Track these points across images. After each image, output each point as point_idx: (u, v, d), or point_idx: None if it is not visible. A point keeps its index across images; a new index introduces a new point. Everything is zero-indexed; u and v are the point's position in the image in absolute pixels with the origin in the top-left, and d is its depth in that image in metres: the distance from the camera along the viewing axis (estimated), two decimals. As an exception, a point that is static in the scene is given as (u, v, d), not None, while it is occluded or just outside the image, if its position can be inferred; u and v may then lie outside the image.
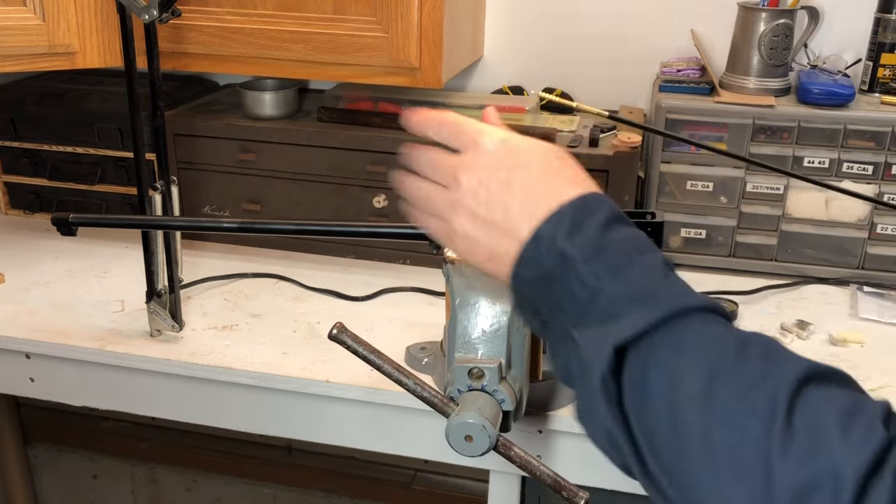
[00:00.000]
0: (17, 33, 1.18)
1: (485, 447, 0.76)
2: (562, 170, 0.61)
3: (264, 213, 1.41)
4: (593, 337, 0.53)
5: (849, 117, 1.26)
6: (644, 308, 0.52)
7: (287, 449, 1.70)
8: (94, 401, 1.19)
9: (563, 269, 0.55)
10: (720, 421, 0.46)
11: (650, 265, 0.55)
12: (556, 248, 0.56)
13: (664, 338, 0.51)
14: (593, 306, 0.54)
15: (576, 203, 0.57)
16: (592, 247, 0.55)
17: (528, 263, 0.58)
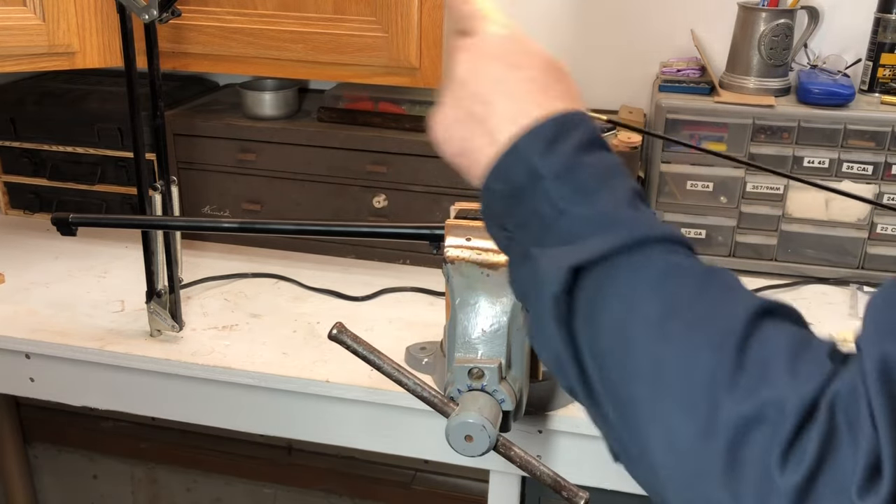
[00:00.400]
0: (17, 33, 1.18)
1: (485, 447, 0.76)
2: (557, 82, 0.58)
3: (264, 213, 1.41)
4: (551, 255, 0.52)
5: (849, 117, 1.26)
6: (607, 232, 0.51)
7: (287, 449, 1.70)
8: (94, 401, 1.19)
9: (531, 185, 0.54)
10: (672, 350, 0.46)
11: (619, 191, 0.54)
12: (528, 163, 0.54)
13: (623, 263, 0.50)
14: (556, 227, 0.53)
15: (557, 119, 0.55)
16: (564, 166, 0.53)
17: (499, 174, 0.55)
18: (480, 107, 0.57)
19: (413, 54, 1.21)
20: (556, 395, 1.00)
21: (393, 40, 1.21)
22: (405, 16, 1.19)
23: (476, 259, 0.85)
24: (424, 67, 1.22)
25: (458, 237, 0.87)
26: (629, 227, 0.51)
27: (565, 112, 0.55)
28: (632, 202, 0.53)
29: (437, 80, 1.23)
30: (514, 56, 0.58)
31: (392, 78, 1.25)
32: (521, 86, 0.57)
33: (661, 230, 0.52)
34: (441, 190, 1.33)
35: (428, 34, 1.20)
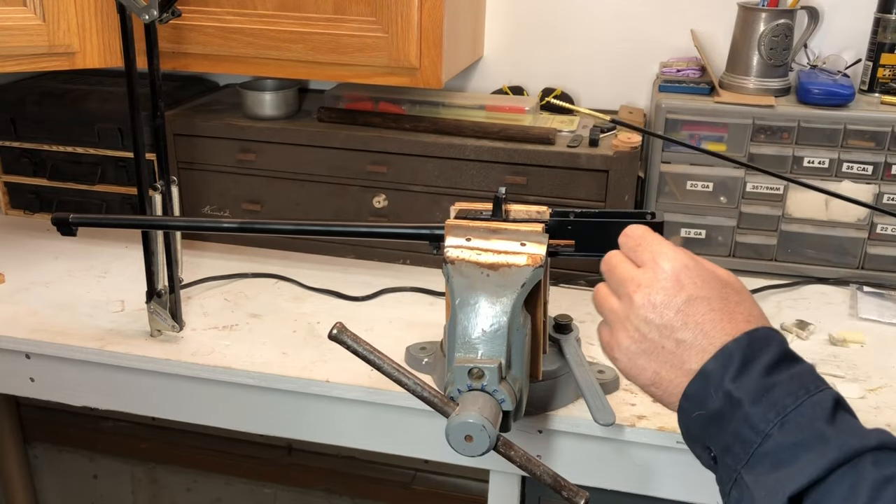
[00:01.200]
0: (17, 33, 1.18)
1: (485, 447, 0.76)
2: (738, 305, 0.60)
3: (264, 213, 1.41)
4: (766, 484, 0.53)
5: (849, 117, 1.26)
6: (815, 453, 0.52)
7: (287, 449, 1.70)
8: (94, 401, 1.19)
9: (730, 410, 0.55)
10: None
11: (819, 405, 0.54)
12: (722, 388, 0.56)
13: (837, 482, 0.51)
14: (763, 451, 0.54)
15: (742, 341, 0.57)
16: (759, 389, 0.55)
17: (694, 401, 0.58)
18: (667, 341, 0.60)
19: (413, 54, 1.21)
20: (556, 395, 1.00)
21: (393, 40, 1.21)
22: (405, 16, 1.19)
23: (476, 259, 0.85)
24: (424, 67, 1.22)
25: (458, 237, 0.87)
26: (837, 444, 0.52)
27: (750, 331, 0.57)
28: (833, 413, 0.54)
29: (436, 81, 1.23)
30: (694, 287, 0.61)
31: (392, 78, 1.25)
32: (707, 317, 0.59)
33: (868, 440, 0.52)
34: (441, 190, 1.33)
35: (428, 34, 1.20)
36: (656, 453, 0.99)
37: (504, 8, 1.52)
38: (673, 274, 0.62)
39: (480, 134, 1.32)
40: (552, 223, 0.91)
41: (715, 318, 0.59)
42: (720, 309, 0.60)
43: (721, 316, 0.59)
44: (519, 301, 0.83)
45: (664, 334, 0.60)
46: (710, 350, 0.58)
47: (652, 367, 0.61)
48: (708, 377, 0.57)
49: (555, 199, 1.29)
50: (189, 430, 1.71)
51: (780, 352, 0.57)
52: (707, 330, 0.59)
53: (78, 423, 1.77)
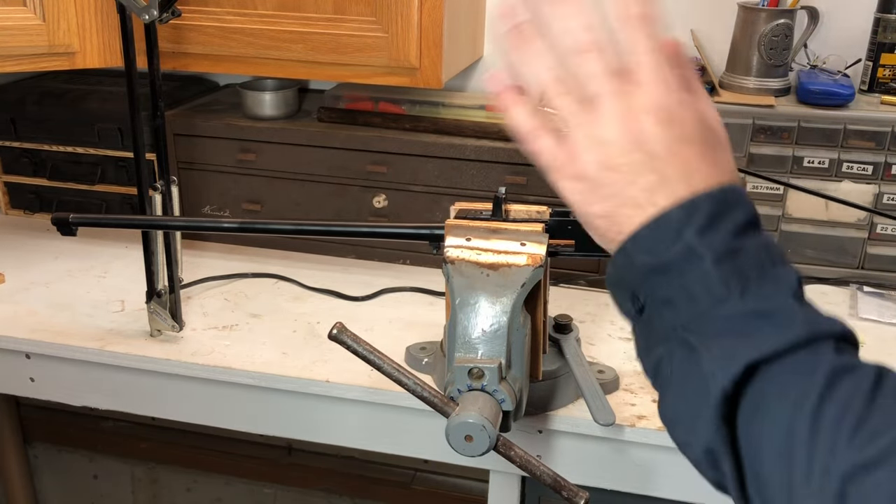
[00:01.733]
0: (17, 33, 1.18)
1: (485, 447, 0.76)
2: (720, 151, 0.53)
3: (264, 213, 1.41)
4: (718, 348, 0.49)
5: (849, 117, 1.26)
6: (780, 326, 0.48)
7: (287, 449, 1.70)
8: (94, 401, 1.19)
9: (685, 264, 0.50)
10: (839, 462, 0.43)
11: (784, 280, 0.50)
12: (682, 239, 0.50)
13: (796, 362, 0.47)
14: (714, 314, 0.49)
15: (716, 195, 0.51)
16: (725, 249, 0.50)
17: (643, 244, 0.51)
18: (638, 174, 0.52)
19: (413, 54, 1.21)
20: (556, 395, 1.00)
21: (393, 40, 1.21)
22: (405, 16, 1.19)
23: (476, 259, 0.85)
24: (424, 67, 1.22)
25: (458, 237, 0.87)
26: (802, 322, 0.48)
27: (725, 187, 0.51)
28: (798, 293, 0.51)
29: (436, 81, 1.23)
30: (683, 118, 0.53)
31: (392, 78, 1.25)
32: (687, 155, 0.52)
33: (834, 326, 0.49)
34: (441, 190, 1.33)
35: (428, 34, 1.20)
36: (656, 453, 0.99)
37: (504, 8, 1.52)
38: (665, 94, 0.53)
39: (480, 134, 1.32)
40: (552, 223, 0.91)
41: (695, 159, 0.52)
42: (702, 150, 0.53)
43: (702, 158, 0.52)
44: (519, 301, 0.83)
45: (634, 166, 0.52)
46: (678, 194, 0.51)
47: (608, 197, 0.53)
48: (668, 223, 0.50)
49: (555, 199, 1.27)
50: (189, 430, 1.71)
51: (751, 215, 0.51)
52: (685, 170, 0.51)
53: (78, 423, 1.77)
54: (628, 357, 1.13)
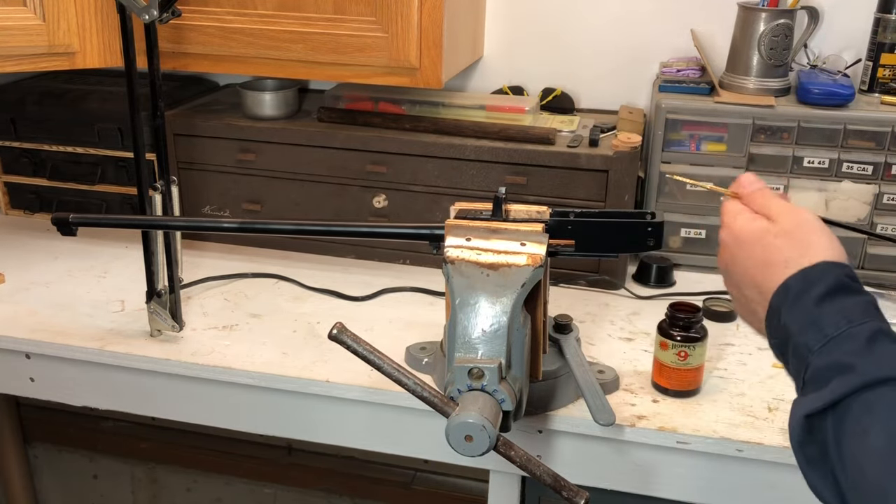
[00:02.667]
0: (17, 33, 1.18)
1: (485, 447, 0.76)
2: (781, 250, 0.66)
3: (264, 213, 1.41)
4: (796, 404, 0.60)
5: (849, 117, 1.26)
6: (839, 379, 0.57)
7: (287, 449, 1.70)
8: (94, 401, 1.19)
9: (786, 340, 0.63)
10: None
11: (857, 334, 0.59)
12: (781, 321, 0.63)
13: (855, 404, 0.55)
14: (806, 376, 0.60)
15: (797, 276, 0.63)
16: (806, 320, 0.61)
17: (770, 332, 0.66)
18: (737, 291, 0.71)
19: (413, 54, 1.21)
20: (556, 395, 1.00)
21: (393, 40, 1.21)
22: (405, 16, 1.19)
23: (476, 259, 0.85)
24: (424, 67, 1.22)
25: (458, 237, 0.87)
26: (864, 369, 0.56)
27: (805, 268, 0.64)
28: (867, 344, 0.58)
29: (436, 81, 1.23)
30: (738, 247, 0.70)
31: (392, 78, 1.25)
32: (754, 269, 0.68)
33: (892, 370, 0.56)
34: (441, 190, 1.33)
35: (428, 34, 1.20)
36: (656, 453, 0.99)
37: (504, 8, 1.52)
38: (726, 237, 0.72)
39: (480, 134, 1.32)
40: (552, 223, 0.91)
41: (758, 272, 0.67)
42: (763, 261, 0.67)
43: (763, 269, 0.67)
44: (519, 301, 0.83)
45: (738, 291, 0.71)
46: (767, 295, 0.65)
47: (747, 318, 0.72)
48: (774, 311, 0.64)
49: (555, 199, 1.29)
50: (189, 430, 1.70)
51: (836, 283, 0.62)
52: (758, 283, 0.67)
53: (78, 423, 1.77)
54: (628, 357, 1.13)
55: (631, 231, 0.92)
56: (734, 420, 0.99)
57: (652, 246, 0.92)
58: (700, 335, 1.00)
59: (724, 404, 1.02)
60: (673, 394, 1.03)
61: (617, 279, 1.32)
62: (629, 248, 0.94)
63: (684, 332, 1.00)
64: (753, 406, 1.02)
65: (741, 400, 1.03)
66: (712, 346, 1.12)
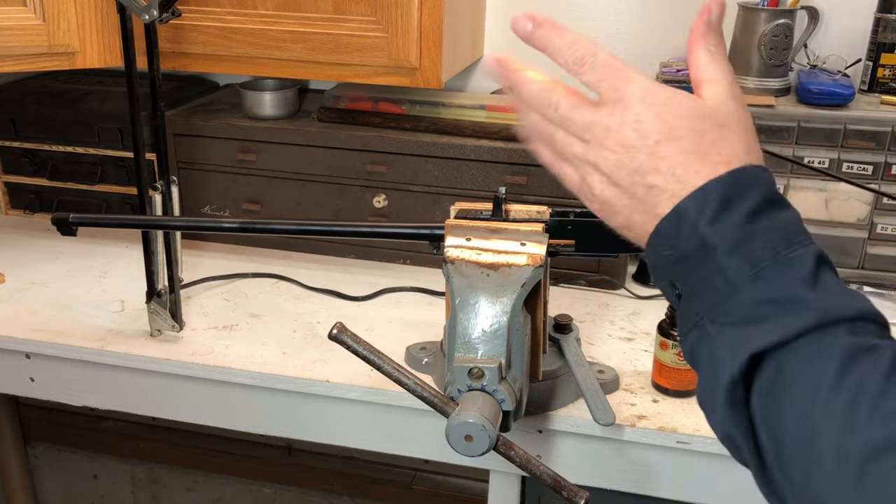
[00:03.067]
0: (17, 33, 1.18)
1: (485, 447, 0.76)
2: (716, 144, 0.55)
3: (264, 213, 1.41)
4: (729, 337, 0.50)
5: (849, 117, 1.26)
6: (789, 315, 0.48)
7: (287, 449, 1.70)
8: (94, 401, 1.19)
9: (701, 255, 0.51)
10: (856, 444, 0.44)
11: (800, 262, 0.50)
12: (696, 231, 0.52)
13: (805, 348, 0.48)
14: (731, 303, 0.50)
15: (725, 181, 0.52)
16: (736, 237, 0.50)
17: (664, 239, 0.54)
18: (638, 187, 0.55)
19: (413, 54, 1.21)
20: (556, 395, 1.00)
21: (393, 40, 1.21)
22: (405, 16, 1.19)
23: (476, 259, 0.85)
24: (424, 67, 1.22)
25: (458, 237, 0.87)
26: (814, 308, 0.48)
27: (735, 170, 0.53)
28: (813, 275, 0.50)
29: (437, 81, 1.23)
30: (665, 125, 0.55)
31: (392, 78, 1.25)
32: (679, 158, 0.54)
33: (848, 309, 0.49)
34: (441, 190, 1.33)
35: (428, 34, 1.20)
36: (656, 453, 0.99)
37: (504, 8, 1.52)
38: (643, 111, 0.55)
39: (480, 134, 1.32)
40: (552, 223, 0.91)
41: (688, 160, 0.54)
42: (694, 150, 0.54)
43: (695, 158, 0.54)
44: (519, 301, 0.83)
45: (635, 180, 0.55)
46: (682, 193, 0.53)
47: (624, 211, 0.57)
48: (682, 216, 0.52)
49: (555, 199, 1.29)
50: (189, 430, 1.71)
51: (765, 195, 0.52)
52: (679, 174, 0.54)
53: (78, 423, 1.77)
54: (628, 357, 1.13)
55: (631, 231, 0.92)
56: (734, 420, 0.99)
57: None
58: (700, 335, 1.00)
59: (724, 404, 1.02)
60: (673, 394, 1.03)
61: (617, 279, 1.32)
62: (629, 248, 0.94)
63: (684, 332, 1.00)
64: (753, 406, 1.02)
65: (741, 400, 1.03)
66: (712, 346, 1.12)
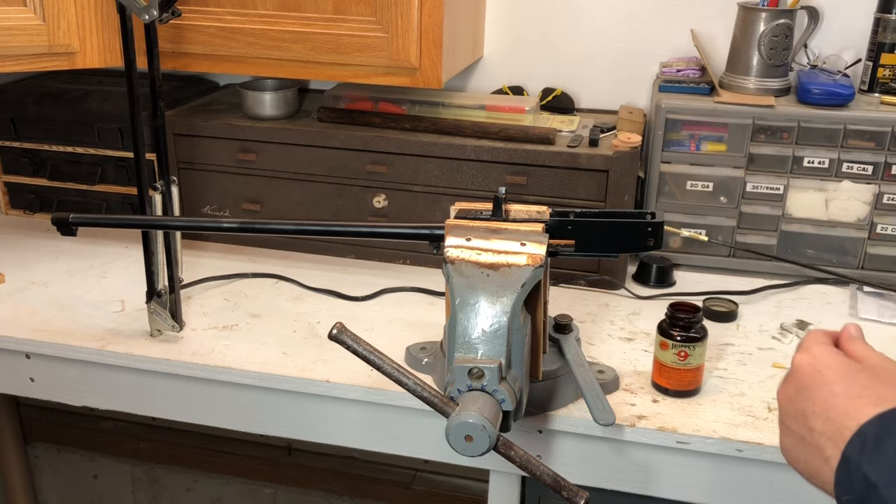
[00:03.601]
0: (17, 33, 1.18)
1: (485, 447, 0.76)
2: (866, 388, 0.61)
3: (264, 213, 1.41)
4: None
5: (849, 117, 1.26)
6: None
7: (287, 449, 1.70)
8: (94, 401, 1.19)
9: (868, 493, 0.56)
10: None
11: None
12: (860, 472, 0.56)
13: None
14: None
15: (874, 423, 0.57)
16: (893, 469, 0.55)
17: (842, 487, 0.59)
18: (804, 430, 0.62)
19: (413, 54, 1.21)
20: (556, 395, 1.00)
21: (393, 40, 1.21)
22: (405, 16, 1.19)
23: (476, 259, 0.85)
24: (424, 67, 1.22)
25: (458, 237, 0.87)
26: None
27: (882, 413, 0.58)
28: None
29: (436, 81, 1.23)
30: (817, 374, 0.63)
31: (392, 78, 1.25)
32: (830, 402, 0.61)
33: None
34: (441, 190, 1.33)
35: (428, 34, 1.20)
36: (656, 453, 0.99)
37: (504, 8, 1.52)
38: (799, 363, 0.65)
39: (480, 134, 1.32)
40: (552, 223, 0.91)
41: (837, 403, 0.60)
42: (843, 394, 0.61)
43: (844, 401, 0.60)
44: (519, 301, 0.83)
45: (800, 423, 0.63)
46: (841, 436, 0.59)
47: (802, 457, 0.63)
48: (848, 462, 0.58)
49: (555, 199, 1.29)
50: (189, 430, 1.71)
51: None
52: (832, 416, 0.60)
53: (78, 423, 1.77)
54: (628, 357, 1.13)
55: (631, 231, 0.92)
56: (734, 420, 0.99)
57: (652, 246, 0.92)
58: (700, 335, 1.00)
59: (724, 404, 1.02)
60: (673, 394, 1.03)
61: (617, 279, 1.32)
62: (629, 248, 0.94)
63: (684, 332, 1.00)
64: (753, 406, 1.02)
65: (741, 400, 1.03)
66: (712, 346, 1.12)
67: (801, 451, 0.63)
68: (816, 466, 0.61)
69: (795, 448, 0.63)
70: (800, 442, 0.63)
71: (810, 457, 0.62)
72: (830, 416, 0.60)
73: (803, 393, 0.63)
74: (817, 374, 0.63)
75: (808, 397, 0.62)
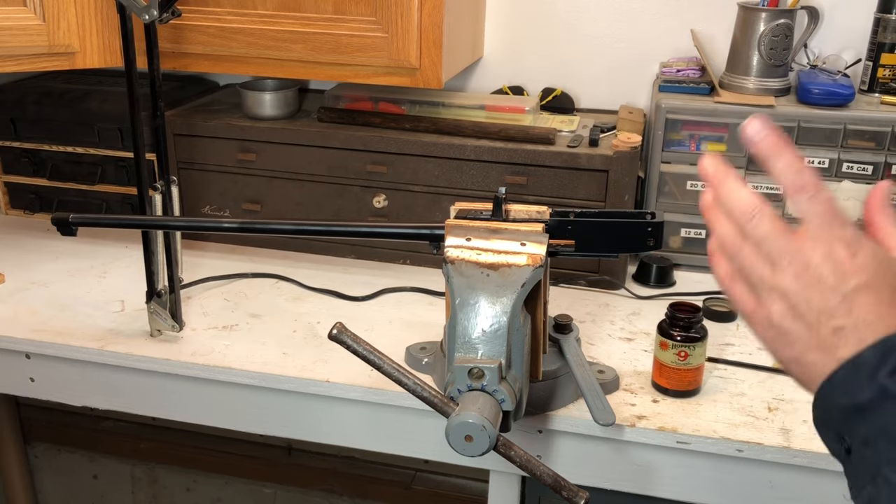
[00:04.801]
0: (17, 33, 1.18)
1: (485, 447, 0.76)
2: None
3: (264, 213, 1.41)
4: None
5: (849, 117, 1.26)
6: None
7: (287, 449, 1.70)
8: (94, 401, 1.19)
9: (881, 403, 0.52)
10: None
11: None
12: (877, 380, 0.52)
13: None
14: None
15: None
16: None
17: (839, 387, 0.54)
18: (824, 326, 0.55)
19: (413, 54, 1.21)
20: (556, 395, 1.00)
21: (393, 40, 1.21)
22: (405, 16, 1.19)
23: (476, 259, 0.85)
24: (424, 67, 1.22)
25: (458, 237, 0.87)
26: None
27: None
28: None
29: (437, 81, 1.23)
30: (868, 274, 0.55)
31: (392, 78, 1.25)
32: (875, 308, 0.55)
33: None
34: (441, 190, 1.33)
35: (428, 34, 1.20)
36: (656, 453, 0.99)
37: (504, 8, 1.52)
38: (848, 254, 0.56)
39: (480, 134, 1.32)
40: (552, 223, 0.91)
41: (883, 310, 0.54)
42: (889, 301, 0.55)
43: (890, 309, 0.54)
44: (519, 301, 0.83)
45: (821, 319, 0.55)
46: (868, 340, 0.54)
47: (799, 346, 0.57)
48: (861, 366, 0.53)
49: (555, 199, 1.29)
50: (189, 430, 1.70)
51: None
52: (871, 321, 0.54)
53: (78, 423, 1.77)
54: (628, 357, 1.13)
55: (631, 231, 0.92)
56: (734, 420, 0.99)
57: (652, 246, 0.92)
58: (700, 335, 1.00)
59: (723, 404, 1.02)
60: (673, 394, 1.03)
61: (617, 279, 1.32)
62: (629, 248, 0.94)
63: (684, 332, 1.00)
64: (753, 406, 1.02)
65: (741, 400, 1.03)
66: (712, 346, 1.12)
67: (803, 341, 0.56)
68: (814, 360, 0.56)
69: (798, 334, 0.57)
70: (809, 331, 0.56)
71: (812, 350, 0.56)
72: (868, 321, 0.54)
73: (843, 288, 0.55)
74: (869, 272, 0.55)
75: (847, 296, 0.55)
